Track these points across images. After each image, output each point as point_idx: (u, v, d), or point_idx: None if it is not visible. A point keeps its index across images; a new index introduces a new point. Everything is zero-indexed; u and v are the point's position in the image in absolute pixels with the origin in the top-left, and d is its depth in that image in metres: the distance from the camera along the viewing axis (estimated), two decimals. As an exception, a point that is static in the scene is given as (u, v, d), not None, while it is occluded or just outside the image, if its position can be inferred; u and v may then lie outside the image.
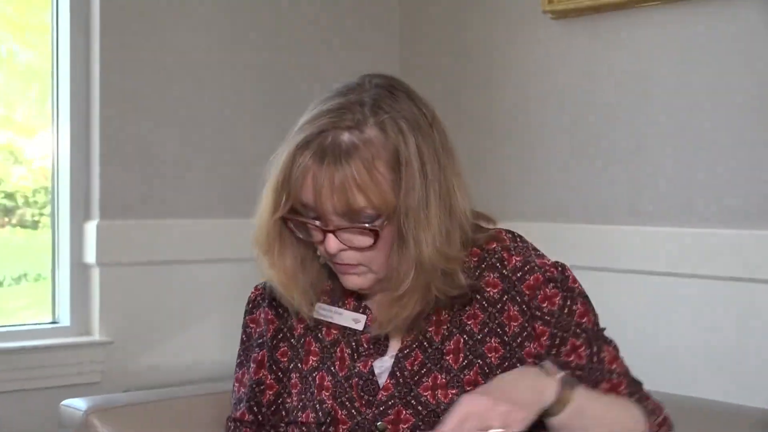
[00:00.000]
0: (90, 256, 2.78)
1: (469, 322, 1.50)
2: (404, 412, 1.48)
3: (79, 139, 2.81)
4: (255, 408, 1.58)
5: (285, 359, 1.60)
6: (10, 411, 2.67)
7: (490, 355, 1.49)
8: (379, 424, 1.46)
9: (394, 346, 1.53)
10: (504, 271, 1.50)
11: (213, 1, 2.98)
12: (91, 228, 2.79)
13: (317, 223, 1.44)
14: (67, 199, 2.82)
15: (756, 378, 2.41)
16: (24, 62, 3.00)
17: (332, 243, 1.44)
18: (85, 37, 2.80)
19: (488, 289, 1.49)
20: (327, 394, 1.52)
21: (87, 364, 2.76)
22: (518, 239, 1.56)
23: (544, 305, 1.49)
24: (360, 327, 1.53)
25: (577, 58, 2.80)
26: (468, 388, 1.47)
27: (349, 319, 1.54)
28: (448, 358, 1.50)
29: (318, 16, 3.14)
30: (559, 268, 1.55)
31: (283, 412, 1.57)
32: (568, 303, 1.51)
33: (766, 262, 2.42)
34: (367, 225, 1.42)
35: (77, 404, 1.80)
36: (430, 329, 1.50)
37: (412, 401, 1.48)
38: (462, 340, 1.50)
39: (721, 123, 2.51)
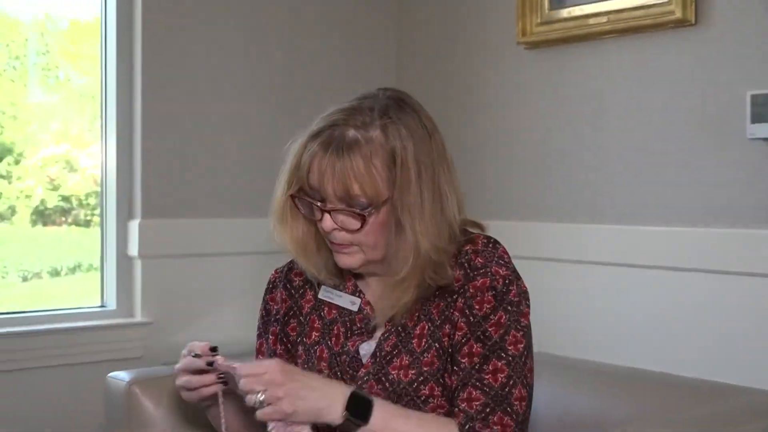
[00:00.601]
0: (133, 249, 2.80)
1: (433, 311, 1.50)
2: (375, 386, 1.48)
3: (123, 150, 2.82)
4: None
5: (294, 333, 1.62)
6: (65, 382, 2.69)
7: (444, 340, 1.48)
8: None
9: (380, 331, 1.51)
10: (467, 268, 1.48)
11: (237, 34, 2.97)
12: (133, 226, 2.80)
13: (318, 203, 1.46)
14: (113, 201, 2.83)
15: (691, 351, 2.42)
16: (78, 86, 3.02)
17: (327, 221, 1.46)
18: (128, 64, 2.82)
19: (453, 283, 1.47)
20: (324, 365, 1.55)
21: (130, 342, 2.77)
22: (490, 245, 1.54)
23: (476, 307, 1.47)
24: (355, 308, 1.54)
25: (546, 82, 2.80)
26: (425, 369, 1.47)
27: (347, 301, 1.57)
28: (413, 341, 1.49)
29: (326, 44, 3.15)
30: (506, 282, 1.49)
31: None
32: (494, 312, 1.46)
33: (699, 255, 2.43)
34: (357, 210, 1.44)
35: (121, 376, 1.80)
36: (406, 316, 1.49)
37: (383, 378, 1.48)
38: (426, 327, 1.50)
39: (667, 137, 2.53)
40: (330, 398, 1.38)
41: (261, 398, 1.35)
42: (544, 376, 1.59)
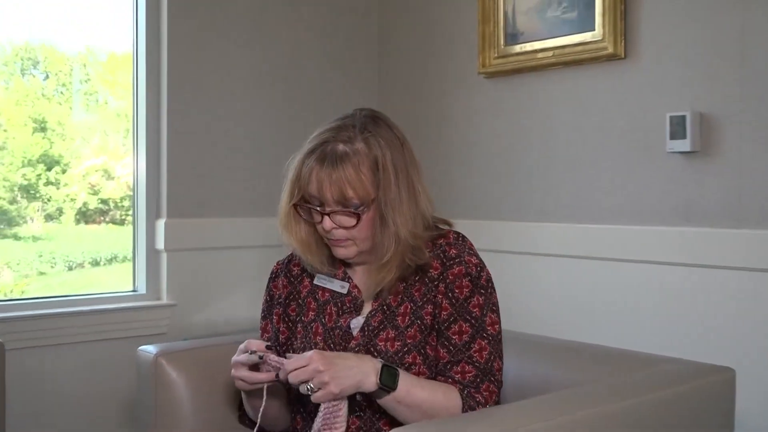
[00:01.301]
0: (160, 244, 2.80)
1: (415, 294, 1.49)
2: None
3: (152, 161, 2.83)
4: (276, 347, 1.55)
5: (294, 314, 1.60)
6: (102, 354, 2.71)
7: (426, 318, 1.47)
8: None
9: (366, 309, 1.51)
10: (443, 258, 1.48)
11: (246, 65, 2.98)
12: (160, 224, 2.81)
13: (318, 208, 1.47)
14: (143, 203, 2.84)
15: (619, 324, 2.46)
16: (114, 108, 3.01)
17: (327, 222, 1.47)
18: (155, 90, 2.84)
19: (432, 271, 1.47)
20: (319, 338, 1.53)
21: (157, 321, 2.78)
22: (460, 239, 1.55)
23: (456, 291, 1.48)
24: (344, 291, 1.53)
25: (502, 106, 2.81)
26: (408, 341, 1.47)
27: (338, 285, 1.57)
28: (398, 318, 1.48)
29: (320, 74, 3.16)
30: (478, 269, 1.51)
31: (291, 351, 1.54)
32: (472, 296, 1.47)
33: (627, 248, 2.46)
34: (352, 210, 1.45)
35: (149, 349, 1.77)
36: (390, 297, 1.48)
37: (371, 349, 1.47)
38: (409, 306, 1.49)
39: (602, 151, 2.54)
40: (365, 372, 1.37)
41: (311, 385, 1.34)
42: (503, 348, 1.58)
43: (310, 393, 1.36)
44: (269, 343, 1.48)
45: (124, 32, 2.85)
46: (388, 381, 1.38)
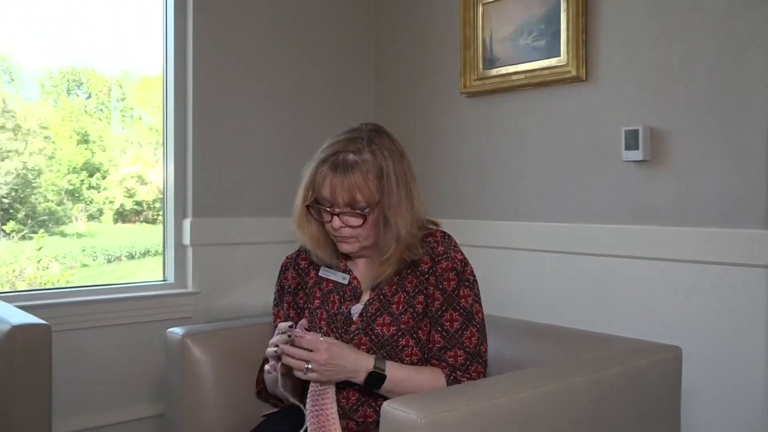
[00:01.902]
0: (186, 239, 2.80)
1: (408, 285, 1.47)
2: (364, 338, 1.46)
3: (179, 169, 2.84)
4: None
5: (301, 301, 1.59)
6: (136, 335, 2.70)
7: (418, 306, 1.47)
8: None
9: (365, 298, 1.50)
10: (432, 254, 1.47)
11: (261, 85, 2.97)
12: (186, 223, 2.80)
13: (329, 209, 1.45)
14: (172, 205, 2.85)
15: (580, 309, 2.45)
16: (147, 123, 3.02)
17: (336, 222, 1.47)
18: (182, 107, 2.84)
19: (422, 265, 1.46)
20: (323, 323, 1.51)
21: (183, 306, 2.77)
22: (446, 237, 1.54)
23: (444, 283, 1.47)
24: (346, 282, 1.52)
25: (481, 121, 2.80)
26: (402, 326, 1.46)
27: (340, 277, 1.56)
28: (393, 306, 1.47)
29: (326, 94, 3.15)
30: (462, 264, 1.50)
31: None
32: (459, 288, 1.46)
33: (589, 243, 2.45)
34: (359, 211, 1.45)
35: (177, 331, 1.77)
36: (385, 287, 1.47)
37: (369, 332, 1.46)
38: (402, 296, 1.48)
39: (567, 160, 2.53)
40: (356, 372, 1.39)
41: (309, 366, 1.36)
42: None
43: (304, 371, 1.37)
44: (291, 323, 1.48)
45: (155, 57, 2.85)
46: (372, 384, 1.40)
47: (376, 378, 1.39)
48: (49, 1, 2.61)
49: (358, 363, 1.40)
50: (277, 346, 1.41)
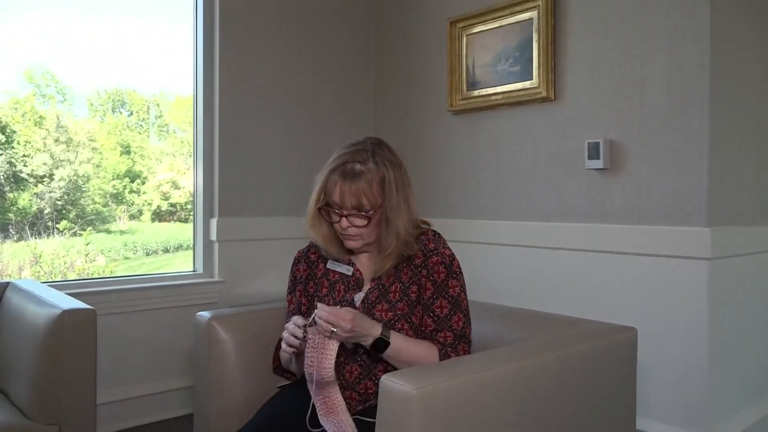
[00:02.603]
0: (213, 236, 2.78)
1: (403, 277, 1.45)
2: None
3: (207, 175, 2.82)
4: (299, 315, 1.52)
5: (312, 290, 1.57)
6: (169, 318, 2.69)
7: (412, 295, 1.44)
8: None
9: (366, 287, 1.47)
10: (425, 250, 1.45)
11: (276, 103, 2.95)
12: (213, 222, 2.79)
13: (338, 211, 1.42)
14: (201, 206, 2.84)
15: (553, 294, 2.40)
16: (180, 136, 3.01)
17: (344, 222, 1.44)
18: (210, 123, 2.83)
19: (416, 260, 1.44)
20: None
21: (210, 293, 2.75)
22: (437, 236, 1.51)
23: (436, 275, 1.44)
24: (350, 273, 1.49)
25: (466, 135, 2.80)
26: (398, 312, 1.43)
27: (345, 269, 1.51)
28: (390, 294, 1.45)
29: (333, 109, 3.13)
30: (450, 258, 1.47)
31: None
32: (448, 279, 1.44)
33: (557, 239, 2.45)
34: (364, 213, 1.41)
35: (204, 314, 1.73)
36: (384, 278, 1.45)
37: (370, 316, 1.42)
38: (398, 286, 1.45)
39: (538, 168, 2.53)
40: (367, 336, 1.36)
41: (334, 329, 1.32)
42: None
43: (329, 335, 1.34)
44: (306, 319, 1.45)
45: (187, 80, 2.83)
46: (378, 348, 1.38)
47: (382, 343, 1.37)
48: (97, 31, 2.60)
49: (371, 328, 1.39)
50: (303, 329, 1.39)
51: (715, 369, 2.06)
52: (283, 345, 1.43)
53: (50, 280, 2.54)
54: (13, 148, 2.55)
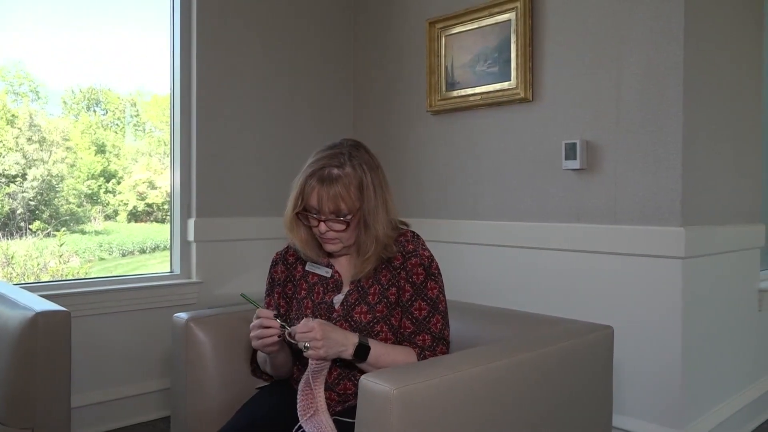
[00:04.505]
0: (190, 236, 2.76)
1: (382, 279, 1.45)
2: (344, 324, 1.43)
3: (184, 175, 2.81)
4: (280, 315, 1.51)
5: (290, 292, 1.55)
6: (146, 319, 2.67)
7: (391, 297, 1.44)
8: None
9: (345, 289, 1.47)
10: (404, 252, 1.45)
11: (255, 103, 2.93)
12: (191, 222, 2.78)
13: (316, 216, 1.41)
14: (178, 206, 2.81)
15: (531, 293, 2.41)
16: (156, 136, 2.97)
17: (323, 226, 1.42)
18: (187, 122, 2.80)
19: (395, 261, 1.44)
20: (309, 311, 1.48)
21: (188, 294, 2.73)
22: (415, 237, 1.51)
23: (414, 277, 1.44)
24: (329, 275, 1.48)
25: (444, 135, 2.80)
26: (378, 314, 1.43)
27: (324, 271, 1.50)
28: (369, 297, 1.44)
29: (312, 110, 3.12)
30: (428, 260, 1.47)
31: (288, 320, 1.50)
32: (426, 281, 1.44)
33: (534, 238, 2.45)
34: (342, 218, 1.40)
35: (182, 316, 1.72)
36: (363, 281, 1.45)
37: (349, 318, 1.43)
38: (377, 288, 1.45)
39: (517, 168, 2.53)
40: (345, 346, 1.35)
41: (307, 345, 1.32)
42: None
43: (304, 351, 1.34)
44: (275, 312, 1.44)
45: (164, 79, 2.80)
46: (359, 355, 1.37)
47: (362, 350, 1.37)
48: (71, 28, 2.56)
49: (346, 338, 1.38)
50: (280, 336, 1.38)
51: (689, 366, 2.10)
52: (257, 342, 1.41)
53: (23, 281, 2.50)
54: (-16, 147, 2.50)
